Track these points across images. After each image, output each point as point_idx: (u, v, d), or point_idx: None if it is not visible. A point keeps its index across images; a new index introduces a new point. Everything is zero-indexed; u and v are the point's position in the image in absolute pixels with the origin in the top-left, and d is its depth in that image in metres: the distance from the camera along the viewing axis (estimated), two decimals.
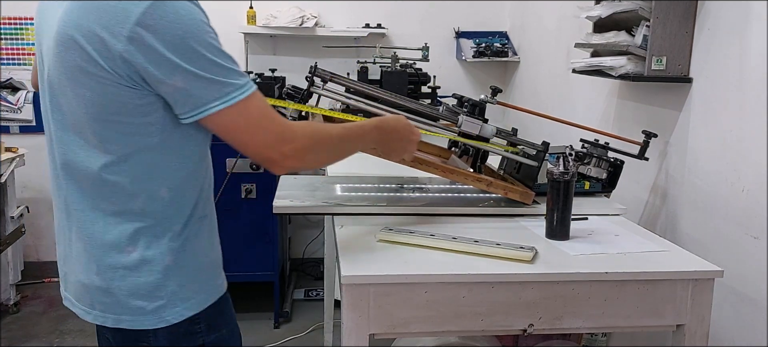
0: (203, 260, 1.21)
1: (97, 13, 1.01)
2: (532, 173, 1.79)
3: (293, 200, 1.76)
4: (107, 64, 1.01)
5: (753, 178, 1.65)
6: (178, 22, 1.01)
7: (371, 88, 1.84)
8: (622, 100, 2.38)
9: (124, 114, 1.06)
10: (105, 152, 1.08)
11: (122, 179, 1.10)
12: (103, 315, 1.15)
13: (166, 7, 1.00)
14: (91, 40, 1.01)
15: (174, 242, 1.15)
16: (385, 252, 1.44)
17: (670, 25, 1.91)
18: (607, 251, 1.49)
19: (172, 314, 1.15)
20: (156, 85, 1.04)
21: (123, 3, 0.99)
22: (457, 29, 3.82)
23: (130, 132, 1.07)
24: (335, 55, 3.76)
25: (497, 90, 1.80)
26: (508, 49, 3.68)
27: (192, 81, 1.03)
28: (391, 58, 3.44)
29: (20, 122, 3.69)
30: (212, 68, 1.04)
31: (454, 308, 1.35)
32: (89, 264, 1.14)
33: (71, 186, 1.14)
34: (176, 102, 1.06)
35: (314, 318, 3.32)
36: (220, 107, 1.06)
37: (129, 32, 0.99)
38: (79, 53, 1.02)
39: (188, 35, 1.02)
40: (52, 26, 1.06)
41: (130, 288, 1.13)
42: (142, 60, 1.01)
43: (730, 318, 1.74)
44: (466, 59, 3.73)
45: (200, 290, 1.19)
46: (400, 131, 1.46)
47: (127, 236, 1.12)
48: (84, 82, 1.04)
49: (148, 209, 1.12)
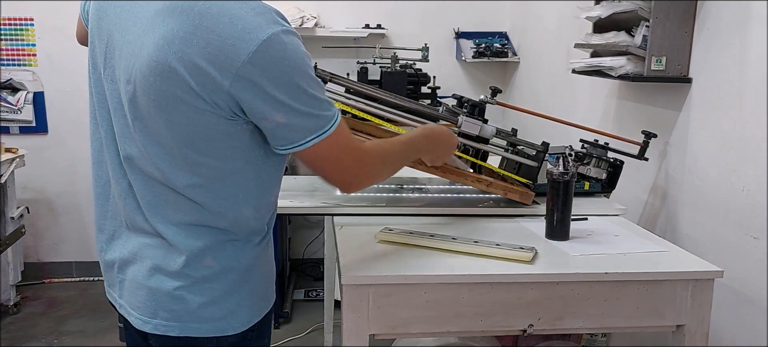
0: (269, 267, 1.24)
1: (204, 47, 0.98)
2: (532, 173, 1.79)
3: (293, 201, 1.76)
4: (209, 98, 1.00)
5: (753, 178, 1.65)
6: (286, 60, 1.01)
7: (371, 88, 1.84)
8: (622, 100, 2.38)
9: (216, 140, 1.06)
10: (192, 173, 1.08)
11: (206, 199, 1.10)
12: (167, 324, 1.13)
13: (276, 45, 1.00)
14: (195, 73, 0.98)
15: (251, 253, 1.17)
16: (385, 253, 1.44)
17: (670, 26, 1.91)
18: (606, 252, 1.49)
19: (240, 321, 1.17)
20: (257, 120, 1.04)
21: (232, 40, 0.97)
22: (456, 30, 3.82)
23: (219, 156, 1.08)
24: (335, 56, 3.76)
25: (497, 90, 1.80)
26: (508, 49, 3.68)
27: (293, 117, 1.04)
28: (391, 58, 3.44)
29: (20, 123, 3.69)
30: (311, 102, 1.05)
31: (454, 308, 1.35)
32: (160, 271, 1.12)
33: (144, 189, 1.12)
34: (275, 136, 1.07)
35: (314, 319, 3.32)
36: (316, 141, 1.07)
37: (238, 70, 0.98)
38: (179, 84, 0.99)
39: (294, 73, 1.02)
40: (142, 46, 1.02)
41: (204, 296, 1.12)
42: (247, 97, 1.00)
43: (730, 319, 1.74)
44: (465, 60, 3.73)
45: (263, 297, 1.22)
46: (443, 135, 1.49)
47: (209, 246, 1.12)
48: (181, 110, 1.02)
49: (231, 226, 1.13)
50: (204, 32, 0.98)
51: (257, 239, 1.19)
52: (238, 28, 0.98)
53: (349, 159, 1.15)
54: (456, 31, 3.82)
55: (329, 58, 3.75)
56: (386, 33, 3.76)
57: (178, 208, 1.11)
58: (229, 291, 1.15)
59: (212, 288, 1.13)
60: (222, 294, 1.14)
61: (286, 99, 1.02)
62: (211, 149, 1.07)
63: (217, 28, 0.98)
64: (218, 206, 1.11)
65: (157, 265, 1.13)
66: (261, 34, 0.98)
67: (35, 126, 3.70)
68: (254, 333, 1.20)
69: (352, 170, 1.16)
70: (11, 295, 3.40)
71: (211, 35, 0.98)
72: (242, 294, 1.17)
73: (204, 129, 1.04)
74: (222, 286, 1.14)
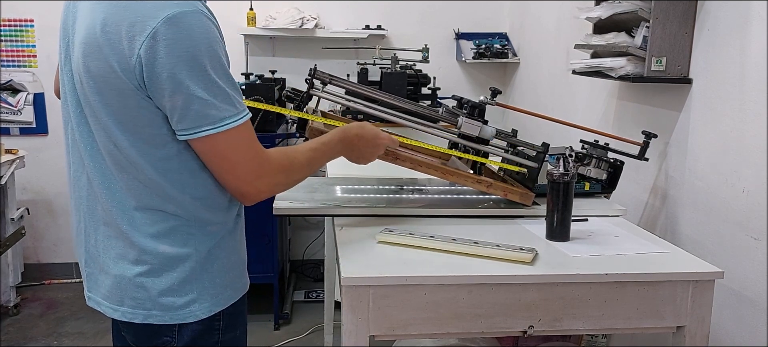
0: (234, 257, 1.23)
1: (119, 24, 1.03)
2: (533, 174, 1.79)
3: (293, 202, 1.76)
4: (125, 76, 1.04)
5: (753, 179, 1.65)
6: (190, 39, 1.02)
7: (371, 90, 1.84)
8: (622, 101, 2.38)
9: (147, 124, 1.08)
10: (136, 157, 1.09)
11: (153, 184, 1.11)
12: (133, 311, 1.15)
13: (182, 23, 1.01)
14: (113, 51, 1.04)
15: (209, 242, 1.17)
16: (385, 254, 1.44)
17: (670, 26, 1.91)
18: (607, 253, 1.49)
19: (202, 310, 1.17)
20: (158, 100, 1.05)
21: (142, 16, 1.02)
22: (456, 30, 3.82)
23: (151, 141, 1.09)
24: (335, 57, 3.76)
25: (496, 91, 1.80)
26: (508, 50, 3.68)
27: (190, 100, 1.04)
28: (391, 59, 3.44)
29: (20, 124, 3.69)
30: (211, 89, 1.05)
31: (454, 309, 1.35)
32: (123, 259, 1.14)
33: (106, 179, 1.14)
34: (173, 119, 1.07)
35: (314, 320, 3.31)
36: (210, 132, 1.06)
37: (142, 44, 1.01)
38: (105, 65, 1.07)
39: (198, 52, 1.03)
40: (79, 33, 1.09)
41: (164, 283, 1.13)
42: (149, 72, 1.02)
43: (730, 320, 1.74)
44: (465, 60, 3.73)
45: (228, 286, 1.21)
46: (364, 138, 1.45)
47: (163, 231, 1.13)
48: (112, 92, 1.08)
49: (181, 212, 1.13)
50: (121, 10, 1.03)
51: (215, 227, 1.17)
52: (149, 6, 1.02)
53: (247, 166, 1.12)
54: (456, 31, 3.82)
55: (329, 59, 3.75)
56: (386, 34, 3.76)
57: (130, 193, 1.12)
58: (188, 278, 1.15)
59: (171, 276, 1.14)
60: (181, 282, 1.14)
61: (186, 78, 1.02)
62: (142, 132, 1.08)
63: (133, 6, 1.02)
64: (165, 191, 1.11)
65: (119, 253, 1.14)
66: (168, 11, 1.01)
67: (35, 127, 3.70)
68: (221, 323, 1.20)
69: (247, 178, 1.13)
70: (11, 296, 3.40)
71: (127, 12, 1.02)
72: (203, 282, 1.16)
73: (132, 110, 1.06)
74: (180, 273, 1.14)
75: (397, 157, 1.68)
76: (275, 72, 3.58)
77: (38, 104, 3.69)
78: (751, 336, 1.66)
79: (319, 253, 3.77)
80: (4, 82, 3.64)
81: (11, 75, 3.66)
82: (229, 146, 1.09)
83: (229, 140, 1.08)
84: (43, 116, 3.70)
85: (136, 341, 1.19)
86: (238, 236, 1.26)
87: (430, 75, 3.51)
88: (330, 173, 2.22)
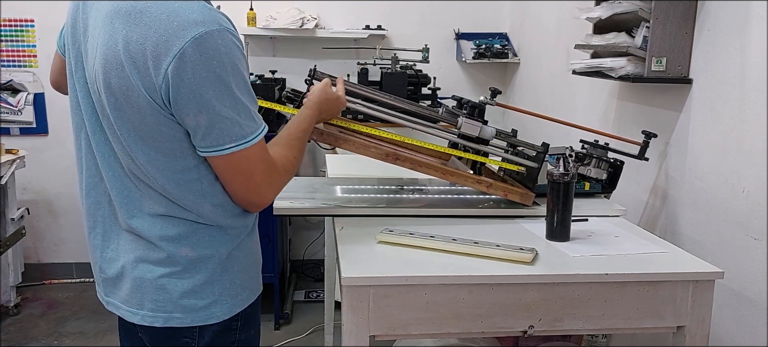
0: (252, 258, 1.25)
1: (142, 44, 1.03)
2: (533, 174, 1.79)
3: (293, 202, 1.76)
4: (148, 93, 1.04)
5: (753, 179, 1.65)
6: (216, 59, 1.02)
7: (370, 90, 1.84)
8: (622, 101, 2.38)
9: (165, 138, 1.08)
10: (151, 169, 1.10)
11: (170, 193, 1.12)
12: (153, 314, 1.15)
13: (208, 43, 1.02)
14: (136, 69, 1.04)
15: (230, 243, 1.18)
16: (385, 254, 1.44)
17: (670, 26, 1.91)
18: (607, 253, 1.49)
19: (222, 311, 1.18)
20: (182, 118, 1.06)
21: (167, 35, 1.01)
22: (457, 30, 3.82)
23: (169, 153, 1.10)
24: (335, 57, 3.77)
25: (496, 92, 1.80)
26: (508, 50, 3.68)
27: (215, 119, 1.05)
28: (391, 59, 3.44)
29: (21, 124, 3.69)
30: (236, 107, 1.06)
31: (454, 309, 1.35)
32: (144, 261, 1.15)
33: (125, 188, 1.14)
34: (197, 136, 1.08)
35: (314, 320, 3.32)
36: (235, 150, 1.08)
37: (168, 64, 1.01)
38: (125, 81, 1.05)
39: (224, 72, 1.03)
40: (98, 47, 1.08)
41: (186, 285, 1.14)
42: (174, 92, 1.02)
43: (730, 320, 1.74)
44: (466, 60, 3.72)
45: (246, 287, 1.23)
46: (328, 100, 1.48)
47: (185, 234, 1.14)
48: (132, 107, 1.08)
49: (198, 218, 1.14)
50: (143, 29, 1.02)
51: (235, 230, 1.19)
52: (174, 25, 1.01)
53: (259, 177, 1.14)
54: (456, 31, 3.82)
55: (329, 60, 3.75)
56: (386, 34, 3.76)
57: (149, 200, 1.13)
58: (210, 279, 1.16)
59: (192, 277, 1.14)
60: (202, 283, 1.15)
61: (212, 98, 1.03)
62: (161, 146, 1.08)
63: (155, 25, 1.01)
64: (182, 201, 1.12)
65: (140, 256, 1.15)
66: (194, 31, 1.00)
67: (36, 127, 3.70)
68: (238, 324, 1.21)
69: (259, 190, 1.15)
70: (11, 296, 3.40)
71: (149, 31, 1.01)
72: (223, 283, 1.17)
73: (152, 126, 1.06)
74: (202, 275, 1.15)
75: (398, 157, 1.68)
76: (275, 72, 3.58)
77: (38, 104, 3.69)
78: (751, 336, 1.67)
79: (320, 253, 3.77)
80: (4, 82, 3.64)
81: (11, 75, 3.66)
82: (246, 160, 1.11)
83: (247, 155, 1.10)
84: (43, 116, 3.70)
85: (154, 343, 1.19)
86: (255, 238, 1.27)
87: (430, 75, 3.51)
88: (330, 173, 2.22)
